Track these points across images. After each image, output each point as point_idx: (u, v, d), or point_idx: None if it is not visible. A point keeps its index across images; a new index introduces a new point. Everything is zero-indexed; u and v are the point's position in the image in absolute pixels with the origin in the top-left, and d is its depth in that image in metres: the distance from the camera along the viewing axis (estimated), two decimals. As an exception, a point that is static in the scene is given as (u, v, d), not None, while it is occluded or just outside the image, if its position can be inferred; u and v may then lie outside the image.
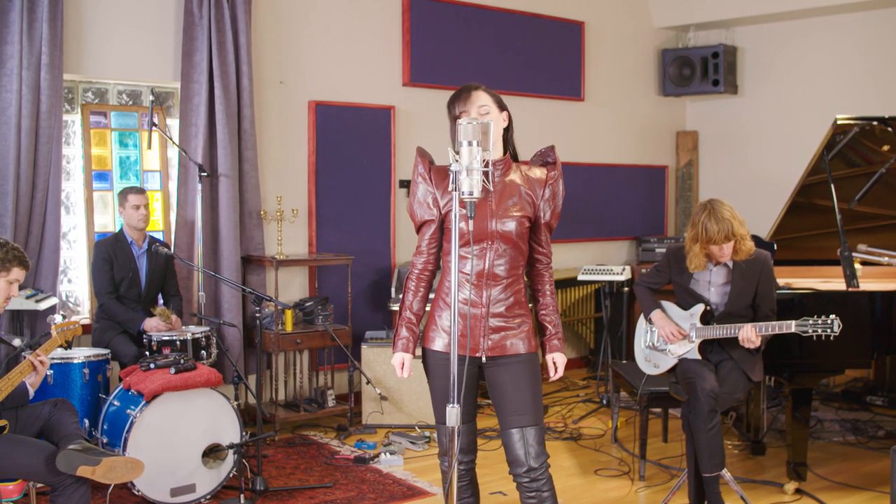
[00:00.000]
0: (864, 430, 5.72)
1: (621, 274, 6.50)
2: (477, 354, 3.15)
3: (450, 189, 2.76)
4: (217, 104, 5.65)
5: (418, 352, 3.28)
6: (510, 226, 3.11)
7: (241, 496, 4.33)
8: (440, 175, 3.17)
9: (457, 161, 2.72)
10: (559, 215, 3.24)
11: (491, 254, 3.12)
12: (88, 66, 5.46)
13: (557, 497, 3.19)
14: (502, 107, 3.20)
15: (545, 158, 3.27)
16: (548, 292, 3.28)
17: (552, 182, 3.19)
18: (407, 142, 6.65)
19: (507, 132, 3.23)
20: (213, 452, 4.44)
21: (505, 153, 3.22)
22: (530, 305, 3.25)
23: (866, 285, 4.74)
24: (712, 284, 4.32)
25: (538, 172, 3.21)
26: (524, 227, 3.16)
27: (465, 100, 3.14)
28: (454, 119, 3.15)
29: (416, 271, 3.24)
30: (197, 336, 5.00)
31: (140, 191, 5.24)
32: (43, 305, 4.88)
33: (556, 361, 3.25)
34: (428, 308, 3.26)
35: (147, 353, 4.89)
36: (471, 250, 3.10)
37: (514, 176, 3.19)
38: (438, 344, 3.19)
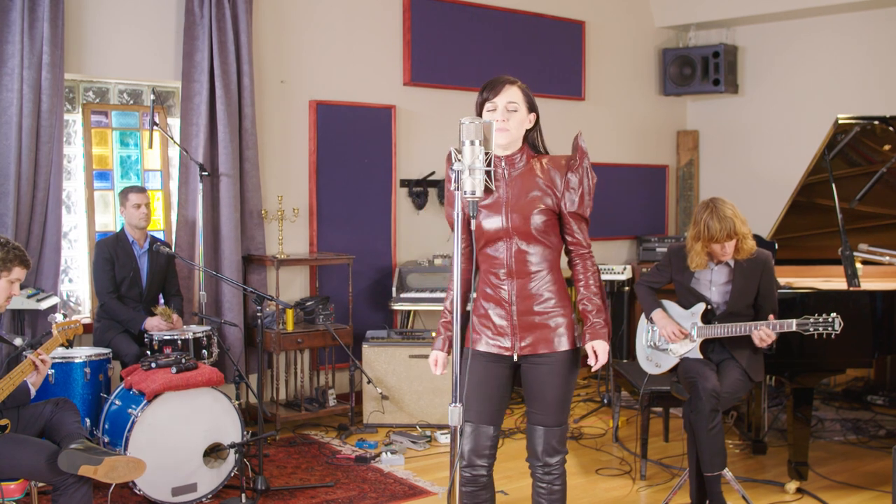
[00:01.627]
0: (865, 429, 5.72)
1: (622, 273, 6.51)
2: (510, 354, 3.14)
3: (452, 188, 2.76)
4: (218, 103, 5.65)
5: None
6: (528, 220, 3.06)
7: (243, 495, 4.32)
8: None
9: (459, 160, 2.72)
10: (589, 205, 3.12)
11: (513, 249, 3.09)
12: (89, 66, 5.46)
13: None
14: (532, 108, 3.15)
15: (572, 149, 3.16)
16: (585, 281, 3.16)
17: (573, 168, 3.09)
18: (408, 141, 6.65)
19: (532, 132, 3.18)
20: (214, 452, 4.44)
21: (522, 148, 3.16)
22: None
23: (867, 285, 4.74)
24: (714, 283, 4.32)
25: (559, 162, 3.12)
26: (545, 220, 3.08)
27: (496, 90, 3.09)
28: (479, 105, 3.12)
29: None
30: (198, 335, 4.99)
31: (141, 190, 5.25)
32: (44, 305, 4.88)
33: (597, 349, 3.11)
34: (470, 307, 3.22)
35: (148, 352, 4.88)
36: (494, 248, 3.09)
37: (532, 168, 3.13)
38: (479, 344, 3.15)
